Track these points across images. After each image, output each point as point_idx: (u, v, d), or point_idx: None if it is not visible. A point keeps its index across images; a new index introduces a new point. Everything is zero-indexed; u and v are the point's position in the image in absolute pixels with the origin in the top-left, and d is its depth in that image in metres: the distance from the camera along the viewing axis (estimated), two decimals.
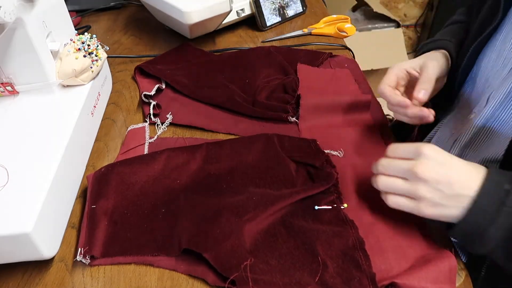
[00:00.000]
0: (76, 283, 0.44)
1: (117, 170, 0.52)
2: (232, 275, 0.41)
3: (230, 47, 0.84)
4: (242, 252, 0.43)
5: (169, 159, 0.54)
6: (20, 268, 0.45)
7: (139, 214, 0.49)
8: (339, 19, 0.90)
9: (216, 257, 0.43)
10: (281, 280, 0.41)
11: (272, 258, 0.44)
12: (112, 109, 0.68)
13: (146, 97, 0.66)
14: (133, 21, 0.96)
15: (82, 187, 0.54)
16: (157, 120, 0.63)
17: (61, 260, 0.46)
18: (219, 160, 0.55)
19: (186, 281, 0.44)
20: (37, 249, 0.41)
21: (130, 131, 0.61)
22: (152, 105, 0.64)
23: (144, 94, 0.65)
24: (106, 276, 0.44)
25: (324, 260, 0.43)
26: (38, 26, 0.53)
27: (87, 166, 0.57)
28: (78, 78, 0.58)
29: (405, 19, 2.33)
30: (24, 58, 0.53)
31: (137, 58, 0.81)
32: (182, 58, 0.77)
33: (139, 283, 0.44)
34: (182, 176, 0.53)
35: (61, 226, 0.47)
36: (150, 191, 0.51)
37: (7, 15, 0.46)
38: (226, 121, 0.64)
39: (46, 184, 0.44)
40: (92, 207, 0.48)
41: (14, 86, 0.55)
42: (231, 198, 0.49)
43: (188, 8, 0.72)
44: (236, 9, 0.86)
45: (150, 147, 0.59)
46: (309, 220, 0.47)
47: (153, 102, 0.65)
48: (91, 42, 0.59)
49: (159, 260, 0.45)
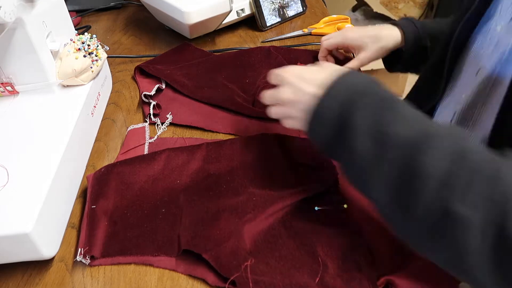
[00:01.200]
0: (76, 283, 0.44)
1: (117, 170, 0.52)
2: (232, 276, 0.41)
3: (230, 47, 0.84)
4: (242, 253, 0.43)
5: (169, 159, 0.54)
6: (20, 268, 0.45)
7: (139, 214, 0.49)
8: (339, 19, 0.90)
9: (216, 258, 0.43)
10: (281, 281, 0.41)
11: (272, 258, 0.44)
12: (112, 109, 0.68)
13: (146, 97, 0.66)
14: (133, 21, 0.96)
15: (82, 187, 0.54)
16: (157, 120, 0.63)
17: (61, 260, 0.46)
18: (219, 160, 0.55)
19: (186, 281, 0.44)
20: (37, 249, 0.41)
21: (130, 131, 0.61)
22: (152, 105, 0.64)
23: (144, 94, 0.65)
24: (106, 276, 0.44)
25: (324, 260, 0.43)
26: (38, 26, 0.53)
27: (87, 166, 0.57)
28: (78, 78, 0.58)
29: None
30: (24, 58, 0.53)
31: (137, 58, 0.81)
32: (182, 58, 0.77)
33: (139, 283, 0.44)
34: (182, 176, 0.53)
35: (61, 226, 0.47)
36: (150, 191, 0.51)
37: (7, 15, 0.46)
38: (226, 121, 0.64)
39: (46, 184, 0.44)
40: (92, 207, 0.48)
41: (14, 86, 0.55)
42: (231, 199, 0.49)
43: (188, 8, 0.72)
44: (236, 9, 0.86)
45: (150, 147, 0.59)
46: (309, 221, 0.47)
47: (153, 102, 0.65)
48: (91, 42, 0.59)
49: (159, 260, 0.45)
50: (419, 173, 0.34)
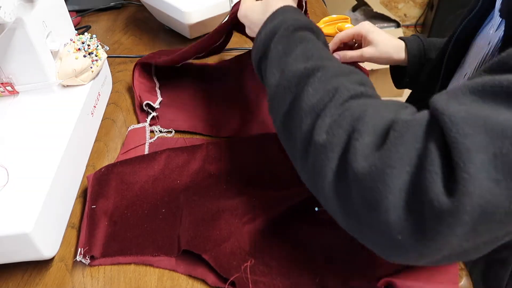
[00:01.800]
0: (76, 283, 0.44)
1: (117, 170, 0.52)
2: (232, 276, 0.41)
3: (230, 47, 0.83)
4: (241, 254, 0.43)
5: (169, 159, 0.54)
6: (20, 268, 0.45)
7: (139, 214, 0.49)
8: (339, 19, 0.89)
9: (215, 258, 0.43)
10: (281, 282, 0.41)
11: (272, 259, 0.44)
12: (112, 109, 0.68)
13: (146, 106, 0.65)
14: (133, 21, 0.96)
15: (82, 187, 0.54)
16: (157, 127, 0.63)
17: (61, 260, 0.46)
18: (219, 160, 0.55)
19: (186, 281, 0.44)
20: (37, 249, 0.41)
21: (131, 131, 0.61)
22: (151, 116, 0.64)
23: (146, 103, 0.64)
24: (106, 276, 0.44)
25: (324, 261, 0.43)
26: (38, 26, 0.53)
27: (87, 166, 0.57)
28: (78, 78, 0.58)
29: (405, 19, 2.33)
30: (24, 58, 0.53)
31: (137, 58, 0.81)
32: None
33: (139, 283, 0.44)
34: (182, 176, 0.53)
35: (61, 226, 0.47)
36: (150, 191, 0.51)
37: (7, 15, 0.46)
38: (222, 123, 0.63)
39: (46, 184, 0.44)
40: (92, 207, 0.48)
41: (14, 86, 0.55)
42: (231, 199, 0.49)
43: (188, 8, 0.72)
44: None
45: (150, 147, 0.59)
46: (309, 221, 0.47)
47: (154, 114, 0.64)
48: (91, 42, 0.59)
49: (159, 260, 0.45)
50: (299, 103, 0.36)
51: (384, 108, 0.32)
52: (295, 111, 0.37)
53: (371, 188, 0.28)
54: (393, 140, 0.28)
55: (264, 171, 0.53)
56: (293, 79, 0.38)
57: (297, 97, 0.37)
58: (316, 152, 0.33)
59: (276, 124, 0.41)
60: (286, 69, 0.39)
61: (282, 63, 0.40)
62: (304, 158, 0.35)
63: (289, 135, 0.38)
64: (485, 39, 0.56)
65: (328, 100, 0.34)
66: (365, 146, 0.29)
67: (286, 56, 0.40)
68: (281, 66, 0.40)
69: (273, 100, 0.40)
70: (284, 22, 0.43)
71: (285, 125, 0.38)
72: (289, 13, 0.45)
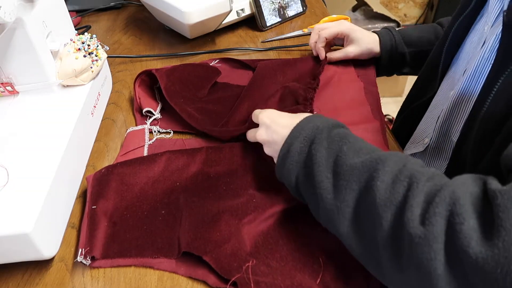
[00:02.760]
0: (76, 283, 0.44)
1: (118, 171, 0.52)
2: (233, 277, 0.41)
3: (230, 47, 0.84)
4: (242, 254, 0.43)
5: (169, 161, 0.54)
6: (20, 268, 0.45)
7: (138, 215, 0.49)
8: (339, 19, 0.89)
9: (216, 260, 0.42)
10: (283, 282, 0.41)
11: (273, 260, 0.44)
12: (112, 109, 0.68)
13: (146, 112, 0.64)
14: (133, 21, 0.96)
15: (82, 187, 0.54)
16: (156, 128, 0.63)
17: (61, 260, 0.46)
18: (219, 163, 0.55)
19: (186, 281, 0.44)
20: (37, 249, 0.41)
21: (129, 133, 0.61)
22: (151, 120, 0.63)
23: (146, 110, 0.64)
24: (106, 276, 0.44)
25: (325, 261, 0.43)
26: (38, 26, 0.53)
27: (87, 166, 0.57)
28: (78, 78, 0.57)
29: (405, 19, 2.34)
30: (24, 58, 0.53)
31: (137, 58, 0.81)
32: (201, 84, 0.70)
33: (139, 284, 0.44)
34: (182, 178, 0.53)
35: (61, 226, 0.47)
36: (150, 192, 0.51)
37: (7, 15, 0.46)
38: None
39: (46, 184, 0.44)
40: (92, 207, 0.48)
41: (14, 86, 0.55)
42: (231, 200, 0.49)
43: (188, 8, 0.72)
44: (236, 9, 0.86)
45: (149, 149, 0.59)
46: (309, 221, 0.47)
47: (156, 116, 0.64)
48: (91, 42, 0.59)
49: (159, 262, 0.45)
50: (368, 200, 0.35)
51: (462, 183, 0.32)
52: (365, 209, 0.35)
53: (496, 270, 0.27)
54: (502, 215, 0.28)
55: (264, 172, 0.53)
56: (352, 177, 0.37)
57: (363, 194, 0.36)
58: (414, 246, 0.31)
59: (340, 230, 0.38)
60: (340, 169, 0.38)
61: (333, 164, 0.39)
62: (395, 255, 0.33)
63: (362, 235, 0.36)
64: (478, 34, 0.58)
65: (405, 190, 0.33)
66: (473, 229, 0.29)
67: (336, 155, 0.39)
68: (332, 166, 0.39)
69: (331, 205, 0.38)
70: (317, 127, 0.43)
71: (354, 227, 0.37)
72: (317, 118, 0.45)
